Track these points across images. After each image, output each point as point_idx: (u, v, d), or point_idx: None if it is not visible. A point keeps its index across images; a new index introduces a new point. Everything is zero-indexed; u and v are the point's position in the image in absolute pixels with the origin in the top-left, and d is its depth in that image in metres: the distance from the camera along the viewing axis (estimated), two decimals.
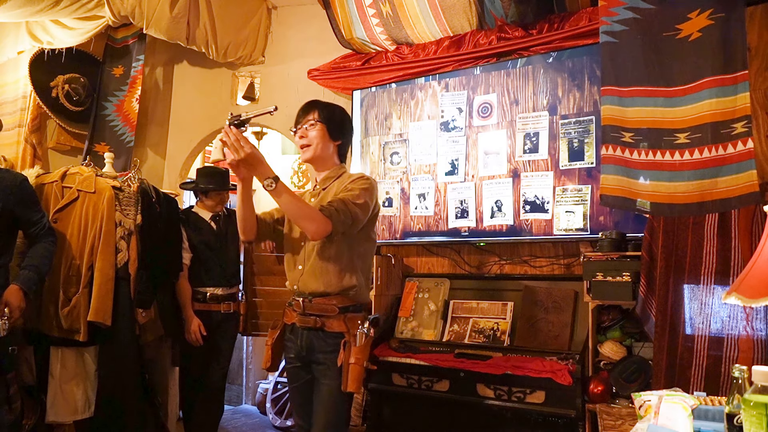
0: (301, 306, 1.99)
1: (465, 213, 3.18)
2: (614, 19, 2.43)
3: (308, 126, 2.05)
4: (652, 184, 2.31)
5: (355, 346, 1.91)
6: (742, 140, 2.12)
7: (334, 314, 1.95)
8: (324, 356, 1.96)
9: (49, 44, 4.16)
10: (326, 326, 1.96)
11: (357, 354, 1.90)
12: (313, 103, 2.11)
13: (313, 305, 1.97)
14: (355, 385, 1.88)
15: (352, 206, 1.90)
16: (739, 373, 1.20)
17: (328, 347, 1.95)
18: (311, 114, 2.06)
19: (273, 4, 4.15)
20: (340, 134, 2.09)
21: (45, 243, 2.54)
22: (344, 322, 1.96)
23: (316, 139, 2.04)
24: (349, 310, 1.98)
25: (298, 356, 2.03)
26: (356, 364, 1.88)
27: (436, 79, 3.38)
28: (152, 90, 4.46)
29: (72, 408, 2.80)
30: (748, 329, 2.20)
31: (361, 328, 1.93)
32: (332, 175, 2.09)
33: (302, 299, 1.99)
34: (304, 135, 2.06)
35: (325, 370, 1.95)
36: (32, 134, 4.25)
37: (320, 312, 1.97)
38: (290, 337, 2.06)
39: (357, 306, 2.01)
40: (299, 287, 2.01)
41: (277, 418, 4.08)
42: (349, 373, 1.88)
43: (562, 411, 2.50)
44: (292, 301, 2.05)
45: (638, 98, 2.36)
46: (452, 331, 3.01)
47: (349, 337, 1.94)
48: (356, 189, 1.95)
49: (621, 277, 2.50)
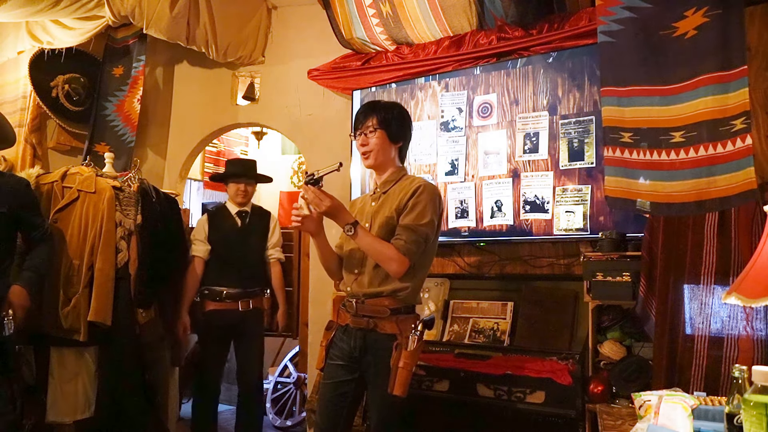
0: (354, 307, 2.02)
1: (465, 213, 3.19)
2: (611, 18, 2.43)
3: (368, 133, 2.05)
4: (651, 183, 2.31)
5: (406, 350, 1.91)
6: (741, 137, 2.10)
7: (385, 315, 1.97)
8: (376, 358, 1.97)
9: (49, 44, 4.16)
10: (378, 327, 1.98)
11: (406, 358, 1.90)
12: (371, 107, 2.10)
13: (366, 306, 2.00)
14: (401, 389, 1.88)
15: (421, 230, 1.95)
16: (739, 373, 1.20)
17: (381, 349, 1.96)
18: (370, 120, 2.05)
19: (273, 4, 4.15)
20: (400, 136, 2.10)
21: (45, 246, 2.56)
22: (396, 324, 1.96)
23: (377, 146, 2.05)
24: (400, 312, 1.99)
25: (348, 356, 2.04)
26: (404, 368, 1.89)
27: (436, 79, 3.38)
28: (152, 90, 4.46)
29: (72, 408, 2.81)
30: (748, 329, 2.20)
31: (414, 332, 1.94)
32: (392, 179, 2.10)
33: (355, 300, 2.02)
34: (365, 143, 2.06)
35: (378, 370, 1.96)
36: (32, 134, 4.25)
37: (372, 313, 1.98)
38: (342, 338, 2.07)
39: (408, 308, 2.03)
40: (353, 289, 2.05)
41: (277, 418, 4.08)
42: (396, 376, 1.88)
43: (562, 411, 2.50)
44: (346, 302, 2.09)
45: (636, 98, 2.36)
46: (452, 331, 3.01)
47: (401, 339, 1.94)
48: (420, 205, 1.98)
49: (621, 277, 2.50)
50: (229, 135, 5.42)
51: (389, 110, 2.09)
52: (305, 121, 3.89)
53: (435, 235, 2.08)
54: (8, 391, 2.37)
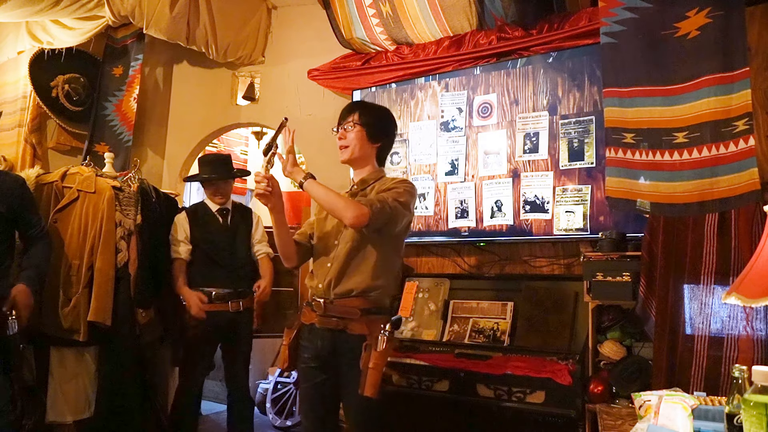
0: (323, 307, 1.99)
1: (465, 213, 3.18)
2: (613, 19, 2.43)
3: (348, 127, 2.06)
4: (652, 184, 2.31)
5: (376, 350, 1.90)
6: (744, 138, 2.10)
7: (356, 317, 1.95)
8: (347, 359, 1.95)
9: (49, 44, 4.16)
10: (348, 328, 1.96)
11: (377, 359, 1.89)
12: (355, 104, 2.13)
13: (336, 306, 1.97)
14: (372, 389, 1.87)
15: (392, 201, 1.92)
16: (739, 373, 1.20)
17: (351, 350, 1.95)
18: (352, 115, 2.07)
19: (273, 4, 4.15)
20: (380, 137, 2.10)
21: (42, 245, 2.55)
22: (366, 324, 1.95)
23: (354, 141, 2.05)
24: (371, 312, 1.97)
25: (317, 357, 2.02)
26: (375, 369, 1.88)
27: (436, 79, 3.38)
28: (152, 90, 4.46)
29: (72, 408, 2.81)
30: (748, 329, 2.20)
31: (383, 332, 1.92)
32: (371, 178, 2.09)
33: (324, 300, 1.99)
34: (343, 137, 2.08)
35: (348, 372, 1.95)
36: (32, 134, 4.25)
37: (342, 314, 1.96)
38: (309, 338, 2.05)
39: (379, 309, 2.01)
40: (324, 286, 2.00)
41: (277, 418, 4.08)
42: (367, 377, 1.88)
43: (562, 411, 2.49)
44: (312, 301, 2.04)
45: (638, 98, 2.36)
46: (452, 331, 3.01)
47: (370, 339, 1.93)
48: (400, 188, 1.98)
49: (621, 277, 2.50)
50: (229, 135, 5.42)
51: (373, 110, 2.12)
52: (305, 121, 3.89)
53: (404, 227, 2.03)
54: (10, 390, 2.38)
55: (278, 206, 1.96)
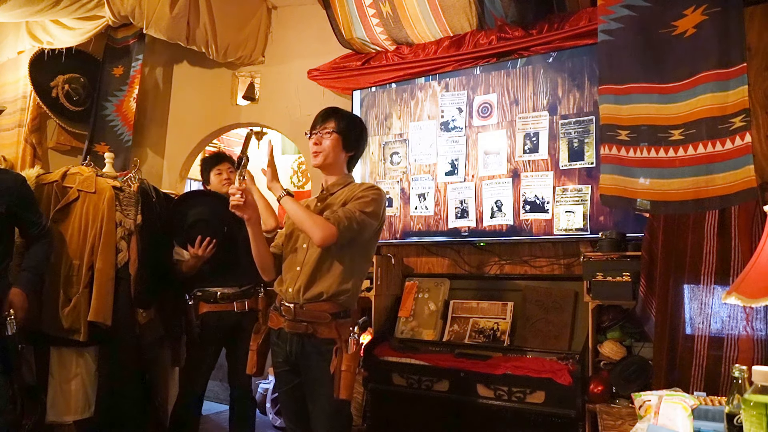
0: (292, 312, 1.98)
1: (465, 213, 3.18)
2: (611, 17, 2.44)
3: (324, 134, 2.08)
4: (648, 181, 2.31)
5: (346, 353, 1.91)
6: (740, 135, 2.10)
7: (326, 321, 1.95)
8: (317, 363, 1.96)
9: (49, 44, 4.16)
10: (318, 332, 1.96)
11: (348, 361, 1.90)
12: (332, 112, 2.13)
13: (305, 311, 1.97)
14: (346, 392, 1.89)
15: (359, 214, 1.93)
16: (739, 373, 1.20)
17: (321, 354, 1.95)
18: (329, 123, 2.09)
19: (273, 4, 4.15)
20: (354, 146, 2.13)
21: (42, 244, 2.55)
22: (335, 328, 1.96)
23: (329, 148, 2.07)
24: (339, 317, 1.98)
25: (288, 360, 2.03)
26: (347, 371, 1.89)
27: (436, 79, 3.38)
28: (152, 90, 4.46)
29: (72, 408, 2.80)
30: (748, 329, 2.20)
31: (352, 335, 1.94)
32: (340, 182, 2.11)
33: (294, 305, 1.98)
34: (318, 142, 2.09)
35: (319, 376, 1.95)
36: (32, 134, 4.25)
37: (312, 318, 1.96)
38: (278, 342, 2.05)
39: (347, 312, 2.01)
40: (294, 291, 2.00)
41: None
42: (341, 380, 1.89)
43: (562, 411, 2.50)
44: (281, 306, 2.03)
45: (634, 95, 2.36)
46: (452, 331, 3.01)
47: (340, 343, 1.94)
48: (368, 197, 1.99)
49: (621, 277, 2.50)
50: (229, 135, 5.42)
51: (351, 120, 2.15)
52: (305, 121, 3.87)
53: (373, 233, 2.05)
54: (10, 389, 2.38)
55: (253, 218, 1.99)
